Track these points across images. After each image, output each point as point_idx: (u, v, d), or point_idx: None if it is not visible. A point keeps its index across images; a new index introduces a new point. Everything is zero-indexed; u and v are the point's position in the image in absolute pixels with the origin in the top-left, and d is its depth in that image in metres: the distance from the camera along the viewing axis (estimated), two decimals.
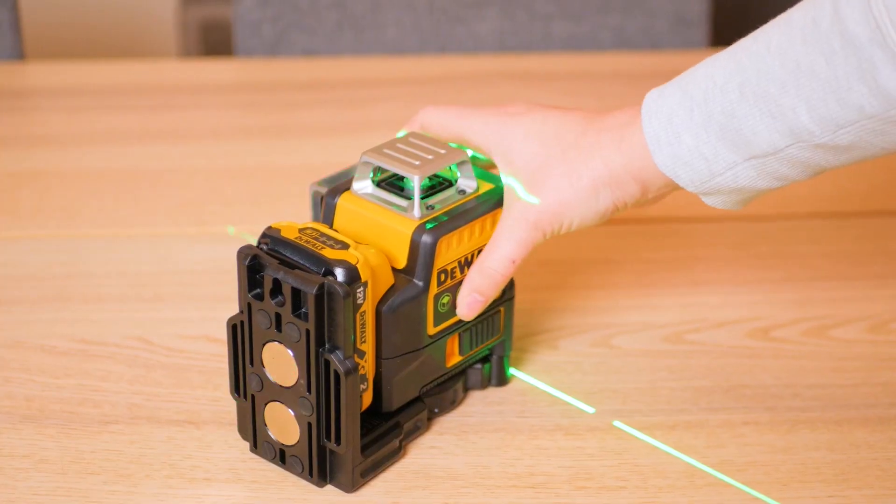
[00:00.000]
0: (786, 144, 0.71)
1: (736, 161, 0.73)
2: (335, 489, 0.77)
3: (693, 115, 0.73)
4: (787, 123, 0.70)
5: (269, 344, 0.74)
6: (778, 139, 0.71)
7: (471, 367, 0.84)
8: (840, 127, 0.68)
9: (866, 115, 0.67)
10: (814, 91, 0.68)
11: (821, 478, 0.78)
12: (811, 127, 0.69)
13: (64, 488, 0.76)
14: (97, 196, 1.09)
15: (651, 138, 0.75)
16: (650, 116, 0.75)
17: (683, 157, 0.74)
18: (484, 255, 0.79)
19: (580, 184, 0.77)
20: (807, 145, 0.70)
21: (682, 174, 0.75)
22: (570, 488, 0.77)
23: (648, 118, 0.75)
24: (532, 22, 1.42)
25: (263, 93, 1.30)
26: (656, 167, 0.75)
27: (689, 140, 0.74)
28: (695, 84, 0.74)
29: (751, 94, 0.71)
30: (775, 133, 0.71)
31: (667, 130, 0.74)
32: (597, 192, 0.77)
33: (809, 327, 0.93)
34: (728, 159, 0.73)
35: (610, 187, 0.77)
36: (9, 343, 0.89)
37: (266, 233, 0.75)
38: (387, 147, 0.79)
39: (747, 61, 0.71)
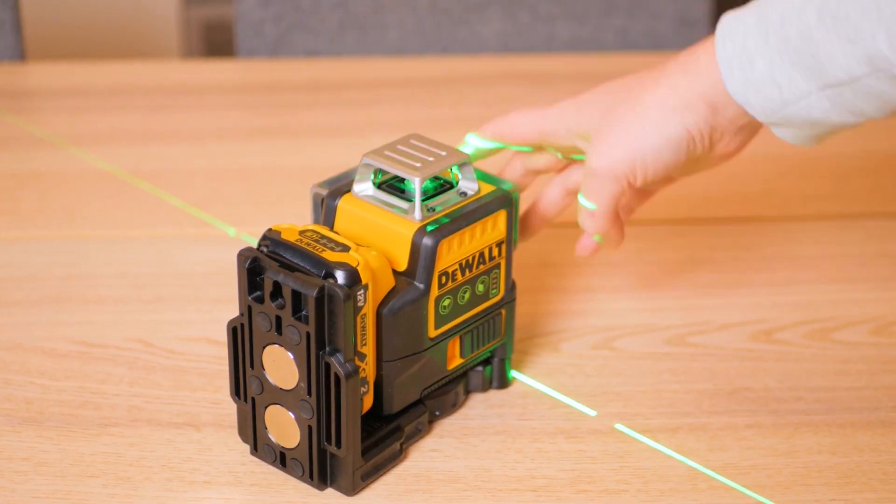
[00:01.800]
0: (863, 73, 0.68)
1: (810, 90, 0.70)
2: (336, 492, 0.76)
3: (769, 39, 0.70)
4: (865, 50, 0.67)
5: (270, 346, 0.74)
6: (855, 66, 0.68)
7: (472, 370, 0.84)
8: None
9: None
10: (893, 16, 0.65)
11: (823, 481, 0.78)
12: (890, 54, 0.66)
13: (63, 491, 0.76)
14: (98, 197, 1.09)
15: (723, 61, 0.72)
16: (724, 38, 0.72)
17: (756, 83, 0.71)
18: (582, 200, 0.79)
19: (646, 113, 0.75)
20: (885, 75, 0.67)
21: (753, 101, 0.72)
22: (572, 491, 0.77)
23: (722, 40, 0.72)
24: (535, 23, 1.42)
25: (265, 93, 1.30)
26: (727, 93, 0.73)
27: (763, 65, 0.71)
28: (772, 7, 0.71)
29: (829, 17, 0.68)
30: (853, 60, 0.68)
31: (740, 54, 0.72)
32: (665, 117, 0.74)
33: (812, 330, 0.92)
34: (802, 87, 0.70)
35: (678, 111, 0.74)
36: (9, 345, 0.89)
37: (266, 235, 0.75)
38: (388, 149, 0.79)
39: None
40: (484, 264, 0.80)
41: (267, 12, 1.40)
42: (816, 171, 1.13)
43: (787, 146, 0.79)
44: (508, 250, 0.81)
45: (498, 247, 0.80)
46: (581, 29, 1.42)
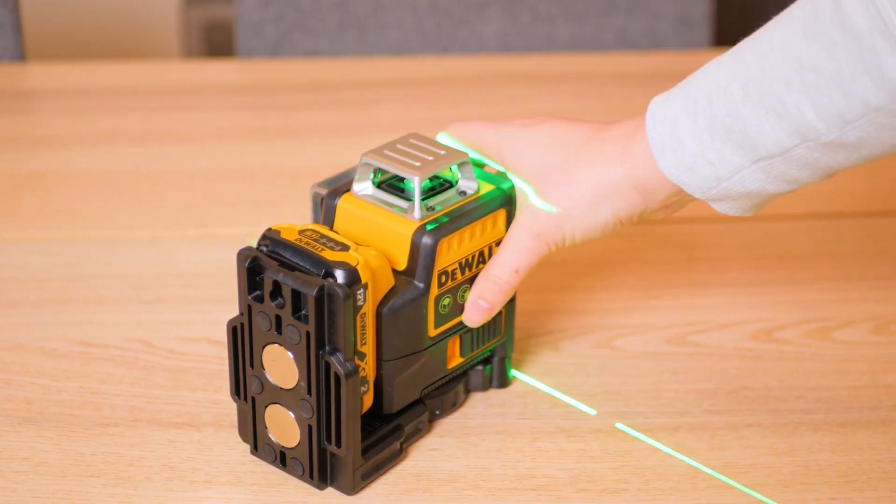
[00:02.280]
0: (793, 144, 0.70)
1: (743, 164, 0.72)
2: (336, 492, 0.76)
3: (697, 120, 0.72)
4: (792, 122, 0.69)
5: (270, 346, 0.74)
6: (784, 139, 0.70)
7: (472, 369, 0.84)
8: (847, 123, 0.67)
9: (872, 107, 0.66)
10: (818, 87, 0.67)
11: (824, 480, 0.78)
12: (817, 124, 0.68)
13: (64, 491, 0.76)
14: (98, 198, 1.09)
15: (655, 145, 0.74)
16: (654, 123, 0.74)
17: (688, 163, 0.73)
18: (491, 262, 0.79)
19: (579, 194, 0.77)
20: (814, 144, 0.69)
21: (688, 180, 0.74)
22: (572, 491, 0.77)
23: (653, 124, 0.74)
24: (535, 23, 1.42)
25: (265, 94, 1.30)
26: (661, 175, 0.74)
27: (694, 145, 0.72)
28: (698, 87, 0.73)
29: (755, 93, 0.70)
30: (781, 132, 0.69)
31: (671, 136, 0.73)
32: (596, 203, 0.76)
33: (812, 329, 0.92)
34: (734, 163, 0.72)
35: (610, 199, 0.76)
36: (9, 345, 0.89)
37: (266, 234, 0.75)
38: (387, 148, 0.79)
39: (750, 59, 0.70)
40: (484, 263, 0.80)
41: (267, 13, 1.40)
42: None
43: None
44: None
45: (497, 246, 0.80)
46: (581, 29, 1.42)
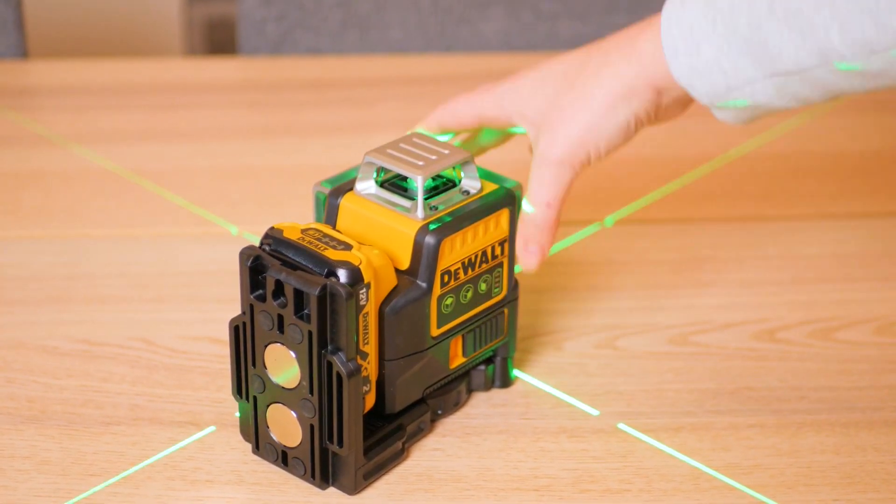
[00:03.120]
0: (812, 65, 0.68)
1: (756, 77, 0.71)
2: (337, 491, 0.76)
3: (716, 27, 0.71)
4: (816, 43, 0.67)
5: (272, 345, 0.74)
6: (804, 58, 0.68)
7: (474, 369, 0.84)
8: (873, 52, 0.66)
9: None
10: (850, 12, 0.65)
11: (826, 481, 0.78)
12: (842, 49, 0.66)
13: (65, 490, 0.76)
14: (100, 196, 1.09)
15: (668, 47, 0.72)
16: (670, 24, 0.72)
17: (701, 69, 0.72)
18: (523, 203, 0.79)
19: (594, 103, 0.75)
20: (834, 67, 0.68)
21: (697, 86, 0.73)
22: (574, 491, 0.77)
23: (668, 26, 0.73)
24: (537, 22, 1.42)
25: (267, 92, 1.30)
26: (671, 76, 0.73)
27: (710, 52, 0.71)
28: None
29: (781, 9, 0.68)
30: (802, 52, 0.68)
31: (686, 40, 0.72)
32: (614, 106, 0.75)
33: (815, 329, 0.92)
34: (748, 74, 0.71)
35: (626, 99, 0.75)
36: (11, 344, 0.89)
37: (268, 233, 0.75)
38: (390, 147, 0.79)
39: None
40: (486, 263, 0.79)
41: (269, 11, 1.40)
42: (819, 170, 1.13)
43: (790, 146, 0.79)
44: (511, 249, 0.81)
45: (500, 245, 0.80)
46: (583, 27, 1.42)
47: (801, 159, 1.14)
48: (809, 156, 1.14)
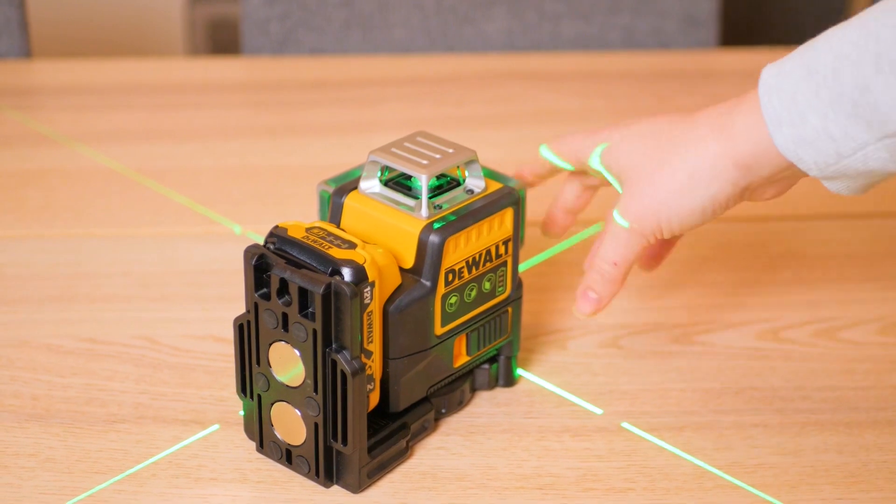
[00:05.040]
0: None
1: (868, 141, 0.68)
2: (341, 490, 0.76)
3: (820, 92, 0.68)
4: None
5: (276, 344, 0.74)
6: None
7: (478, 368, 0.84)
8: None
9: None
10: None
11: (830, 480, 0.78)
12: None
13: (70, 487, 0.76)
14: (103, 195, 1.09)
15: (771, 119, 0.70)
16: (769, 95, 0.70)
17: (808, 138, 0.69)
18: (597, 252, 0.79)
19: (673, 179, 0.74)
20: None
21: (804, 156, 0.70)
22: (578, 490, 0.77)
23: (768, 97, 0.70)
24: (541, 22, 1.42)
25: (270, 92, 1.30)
26: (773, 149, 0.71)
27: (816, 120, 0.69)
28: (818, 59, 0.69)
29: (887, 65, 0.65)
30: None
31: (790, 110, 0.69)
32: (692, 188, 0.74)
33: (819, 329, 0.92)
34: (859, 139, 0.68)
35: (706, 181, 0.73)
36: (15, 342, 0.89)
37: (273, 232, 0.75)
38: (394, 146, 0.79)
39: (880, 29, 0.66)
40: (491, 262, 0.80)
41: (272, 10, 1.40)
42: None
43: None
44: (515, 248, 0.81)
45: (504, 244, 0.80)
46: (587, 27, 1.42)
47: None
48: None
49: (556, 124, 1.21)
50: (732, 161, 0.73)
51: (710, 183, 0.74)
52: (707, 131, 0.74)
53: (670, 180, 0.74)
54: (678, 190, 0.74)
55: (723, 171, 0.73)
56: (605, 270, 0.79)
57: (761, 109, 0.71)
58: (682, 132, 0.75)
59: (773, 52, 1.37)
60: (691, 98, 1.26)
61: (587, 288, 0.79)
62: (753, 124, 0.71)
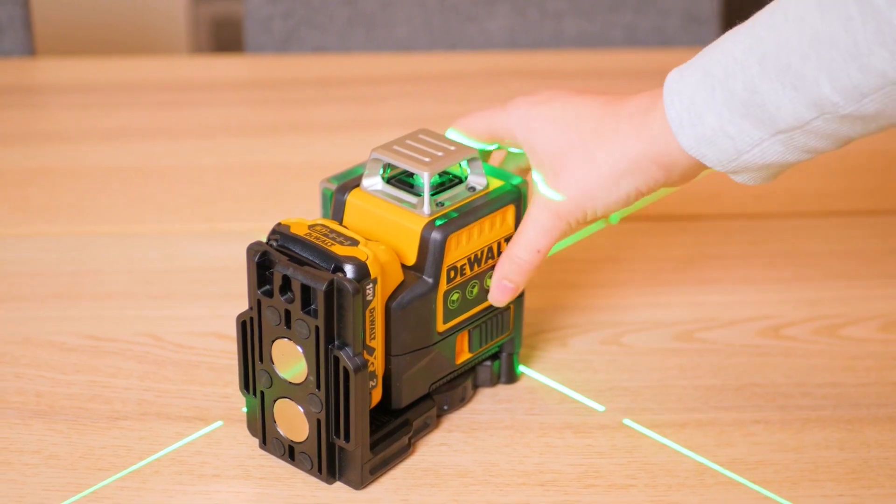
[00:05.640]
0: (811, 117, 0.69)
1: (762, 137, 0.72)
2: (344, 486, 0.77)
3: (715, 94, 0.72)
4: (810, 95, 0.69)
5: (279, 340, 0.74)
6: (803, 112, 0.69)
7: (480, 365, 0.84)
8: (864, 95, 0.67)
9: (890, 80, 0.66)
10: (834, 60, 0.67)
11: (831, 477, 0.78)
12: (834, 98, 0.68)
13: (74, 484, 0.76)
14: (107, 193, 1.09)
15: (674, 120, 0.74)
16: (672, 98, 0.74)
17: (708, 137, 0.73)
18: (512, 241, 0.79)
19: (599, 172, 0.77)
20: (832, 116, 0.69)
21: (708, 154, 0.74)
22: (580, 486, 0.77)
23: (671, 100, 0.74)
24: (543, 19, 1.42)
25: (274, 89, 1.30)
26: (680, 149, 0.74)
27: (713, 120, 0.72)
28: (714, 62, 0.72)
29: (771, 67, 0.69)
30: (799, 106, 0.69)
31: (689, 111, 0.73)
32: (617, 180, 0.76)
33: (820, 326, 0.92)
34: (754, 136, 0.72)
35: (632, 174, 0.76)
36: (18, 339, 0.89)
37: (276, 229, 0.75)
38: (397, 144, 0.79)
39: (765, 34, 0.70)
40: (493, 259, 0.80)
41: (276, 8, 1.40)
42: (825, 167, 1.13)
43: None
44: None
45: (506, 241, 0.80)
46: (589, 25, 1.42)
47: None
48: None
49: None
50: (652, 160, 0.76)
51: (635, 177, 0.76)
52: (629, 130, 0.76)
53: (597, 173, 0.77)
54: (604, 183, 0.77)
55: (645, 167, 0.76)
56: (526, 259, 0.79)
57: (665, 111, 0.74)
58: (606, 128, 0.77)
59: None
60: None
61: (503, 277, 0.80)
62: (663, 126, 0.75)
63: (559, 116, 0.79)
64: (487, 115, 0.82)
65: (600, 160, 0.77)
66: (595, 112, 0.78)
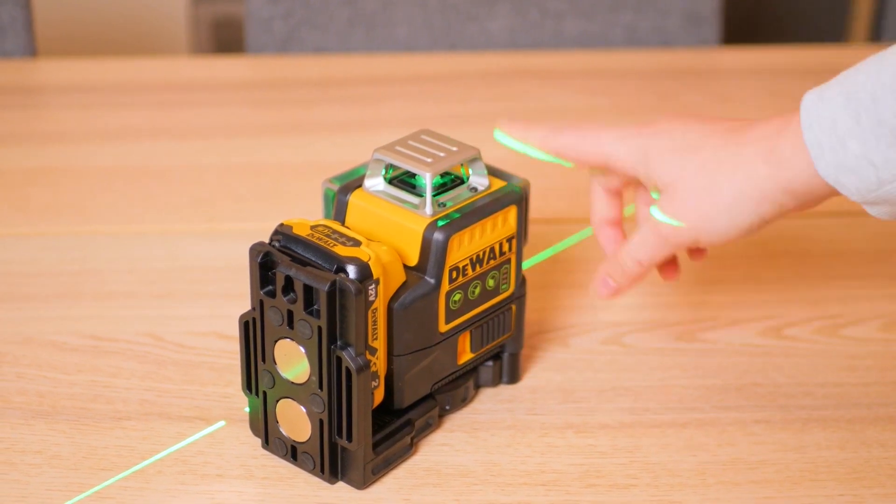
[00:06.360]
0: None
1: None
2: (346, 486, 0.77)
3: (861, 120, 0.68)
4: None
5: (281, 341, 0.74)
6: None
7: (482, 365, 0.84)
8: None
9: None
10: None
11: (832, 477, 0.78)
12: None
13: (76, 484, 0.76)
14: (108, 193, 1.09)
15: (812, 145, 0.70)
16: (811, 122, 0.70)
17: (849, 165, 0.70)
18: (625, 243, 0.79)
19: (721, 198, 0.74)
20: None
21: (846, 183, 0.70)
22: (581, 486, 0.77)
23: (809, 123, 0.70)
24: (544, 19, 1.42)
25: (274, 90, 1.30)
26: (814, 176, 0.71)
27: (856, 147, 0.69)
28: (859, 85, 0.69)
29: None
30: None
31: (830, 137, 0.70)
32: (740, 209, 0.74)
33: (822, 326, 0.93)
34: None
35: (756, 201, 0.73)
36: (20, 339, 0.90)
37: (278, 230, 0.75)
38: (399, 144, 0.79)
39: None
40: (494, 259, 0.80)
41: (276, 9, 1.41)
42: None
43: None
44: (519, 245, 0.81)
45: (508, 242, 0.80)
46: (589, 25, 1.42)
47: None
48: None
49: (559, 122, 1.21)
50: (781, 186, 0.73)
51: (759, 204, 0.74)
52: (754, 155, 0.73)
53: (718, 199, 0.74)
54: (725, 210, 0.74)
55: (772, 194, 0.73)
56: (629, 266, 0.79)
57: (803, 136, 0.71)
58: (727, 154, 0.74)
59: (776, 51, 1.37)
60: (694, 96, 1.27)
61: (607, 275, 0.80)
62: (796, 152, 0.71)
63: (679, 146, 0.76)
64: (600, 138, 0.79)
65: (723, 187, 0.74)
66: (717, 139, 0.75)
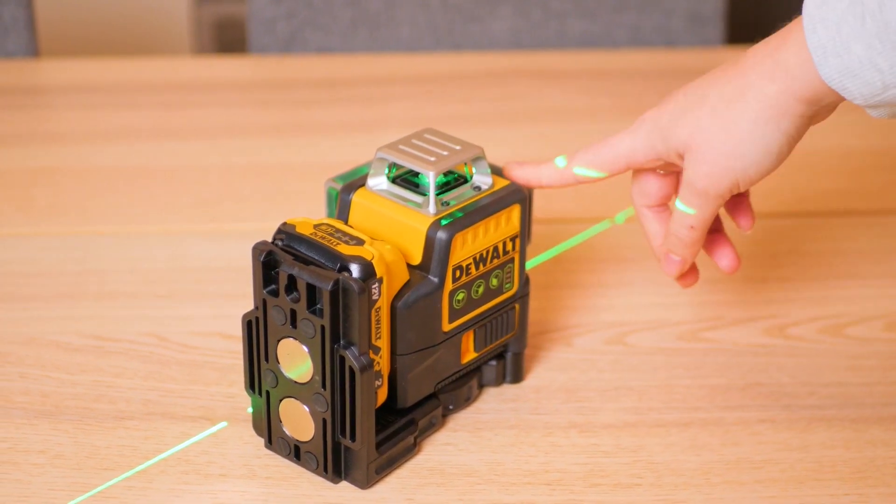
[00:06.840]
0: None
1: None
2: (350, 485, 0.77)
3: (865, 23, 0.68)
4: None
5: (285, 340, 0.74)
6: None
7: (485, 364, 0.84)
8: None
9: None
10: None
11: (836, 476, 0.78)
12: None
13: (80, 483, 0.76)
14: (111, 193, 1.09)
15: (816, 50, 0.69)
16: (814, 25, 0.69)
17: (853, 69, 0.69)
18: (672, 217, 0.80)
19: (738, 129, 0.73)
20: None
21: (850, 87, 0.69)
22: (585, 485, 0.77)
23: (812, 27, 0.69)
24: (547, 20, 1.42)
25: (277, 90, 1.30)
26: (821, 81, 0.70)
27: (861, 51, 0.68)
28: None
29: None
30: None
31: (834, 40, 0.69)
32: (761, 131, 0.73)
33: (825, 325, 0.92)
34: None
35: (773, 121, 0.72)
36: (23, 339, 0.89)
37: (281, 229, 0.75)
38: (402, 143, 0.79)
39: None
40: (498, 258, 0.80)
41: (279, 9, 1.41)
42: (830, 167, 1.13)
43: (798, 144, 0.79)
44: (522, 245, 0.81)
45: (512, 241, 0.80)
46: (592, 25, 1.42)
47: (810, 156, 1.14)
48: (819, 153, 1.14)
49: (562, 122, 1.21)
50: (795, 97, 0.72)
51: (779, 122, 0.73)
52: (758, 77, 0.73)
53: (736, 131, 0.73)
54: (748, 140, 0.73)
55: (788, 106, 0.72)
56: (683, 234, 0.79)
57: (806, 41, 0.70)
58: (732, 88, 0.74)
59: None
60: None
61: (670, 251, 0.81)
62: (801, 59, 0.71)
63: (684, 105, 0.76)
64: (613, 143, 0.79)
65: (738, 120, 0.73)
66: (718, 82, 0.75)
